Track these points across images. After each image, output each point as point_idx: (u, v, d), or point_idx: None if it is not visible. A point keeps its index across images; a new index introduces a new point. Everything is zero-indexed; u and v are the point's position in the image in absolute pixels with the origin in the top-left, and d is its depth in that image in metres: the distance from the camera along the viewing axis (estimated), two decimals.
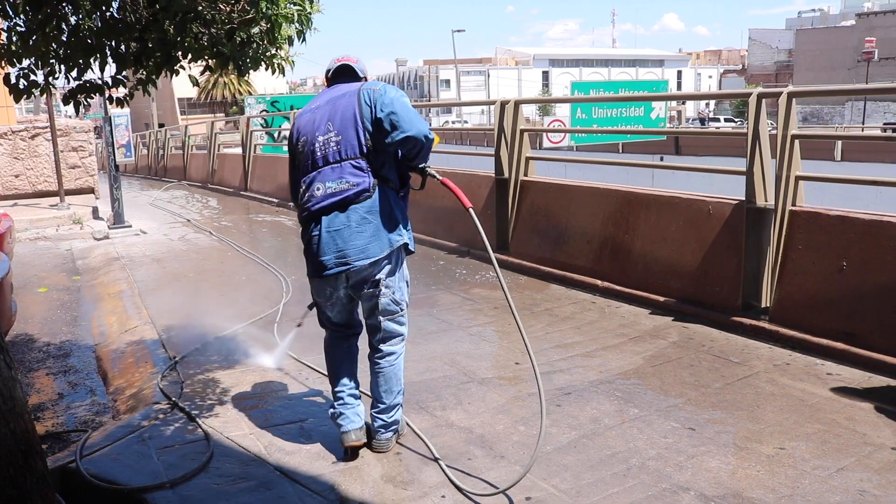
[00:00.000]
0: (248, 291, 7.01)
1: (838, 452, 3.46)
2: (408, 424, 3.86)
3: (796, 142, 5.15)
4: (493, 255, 3.73)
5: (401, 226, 3.47)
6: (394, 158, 3.47)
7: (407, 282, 3.66)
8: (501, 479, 3.32)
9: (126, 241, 10.70)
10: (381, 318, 3.55)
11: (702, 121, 34.35)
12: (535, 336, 5.34)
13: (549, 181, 7.63)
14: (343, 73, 3.58)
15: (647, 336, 5.27)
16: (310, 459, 3.57)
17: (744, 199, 5.47)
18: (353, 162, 3.34)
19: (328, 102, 3.46)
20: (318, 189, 3.37)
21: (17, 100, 3.55)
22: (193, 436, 3.85)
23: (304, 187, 3.45)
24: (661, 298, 5.89)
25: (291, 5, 3.09)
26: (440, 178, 3.62)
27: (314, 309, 3.73)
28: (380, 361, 3.59)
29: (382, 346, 3.60)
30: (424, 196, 9.16)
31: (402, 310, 3.60)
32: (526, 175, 7.74)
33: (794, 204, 5.15)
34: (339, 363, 3.70)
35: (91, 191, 14.72)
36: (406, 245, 3.54)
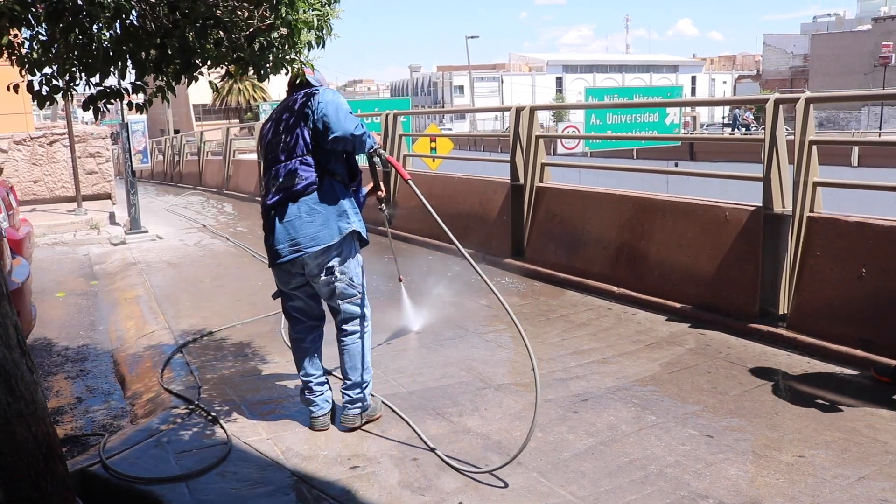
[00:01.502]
0: (264, 296, 7.01)
1: (859, 461, 3.43)
2: (385, 403, 4.19)
3: (814, 147, 5.13)
4: (453, 238, 4.03)
5: (349, 215, 3.79)
6: (341, 154, 3.84)
7: (362, 267, 3.95)
8: (519, 486, 3.32)
9: (142, 246, 10.76)
10: (340, 302, 3.87)
11: (746, 127, 33.95)
12: (551, 342, 5.33)
13: (564, 187, 7.63)
14: (300, 84, 3.90)
15: (663, 343, 5.25)
16: (326, 465, 3.58)
17: (761, 205, 5.44)
18: (301, 159, 3.72)
19: (283, 108, 3.88)
20: (272, 184, 3.78)
21: (40, 106, 3.59)
22: (211, 440, 3.87)
23: (263, 183, 3.91)
24: (678, 305, 5.87)
25: (311, 10, 3.11)
26: (386, 155, 4.16)
27: (278, 298, 4.04)
28: (344, 339, 3.93)
29: (345, 327, 3.93)
30: (439, 202, 9.19)
31: (359, 293, 3.91)
32: (541, 181, 7.74)
33: (811, 210, 5.12)
34: (305, 354, 4.00)
35: (108, 196, 14.83)
36: (358, 233, 3.85)
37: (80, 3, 3.01)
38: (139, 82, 3.53)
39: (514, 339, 5.49)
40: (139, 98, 3.82)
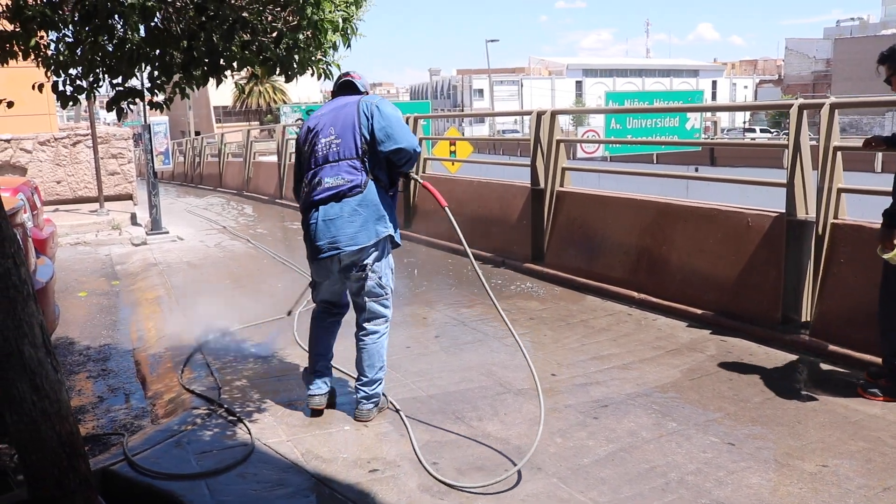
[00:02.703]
0: (284, 298, 7.04)
1: (884, 472, 3.39)
2: (390, 403, 4.29)
3: (839, 154, 5.08)
4: (468, 250, 4.21)
5: (387, 219, 3.97)
6: (385, 161, 3.96)
7: (392, 269, 4.14)
8: (538, 491, 3.31)
9: (163, 247, 10.84)
10: (367, 300, 4.05)
11: None
12: (570, 347, 5.32)
13: (585, 192, 7.61)
14: (346, 87, 4.11)
15: (684, 349, 5.21)
16: (346, 468, 3.58)
17: (784, 211, 5.40)
18: (349, 162, 3.88)
19: (332, 111, 4.01)
20: (317, 183, 3.92)
21: (63, 106, 3.64)
22: (232, 441, 3.88)
23: (306, 181, 4.01)
24: (699, 311, 5.83)
25: (336, 11, 3.12)
26: (421, 181, 4.32)
27: (312, 288, 4.27)
28: (364, 339, 4.10)
29: (367, 325, 4.11)
30: (459, 205, 9.19)
31: (386, 294, 4.09)
32: (562, 186, 7.72)
33: (835, 217, 5.08)
34: (320, 336, 4.23)
35: (129, 197, 14.94)
36: (391, 237, 4.03)
37: (108, 5, 3.03)
38: (159, 81, 3.56)
39: (533, 344, 5.48)
40: (160, 97, 3.86)
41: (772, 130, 51.24)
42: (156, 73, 3.45)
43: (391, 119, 3.87)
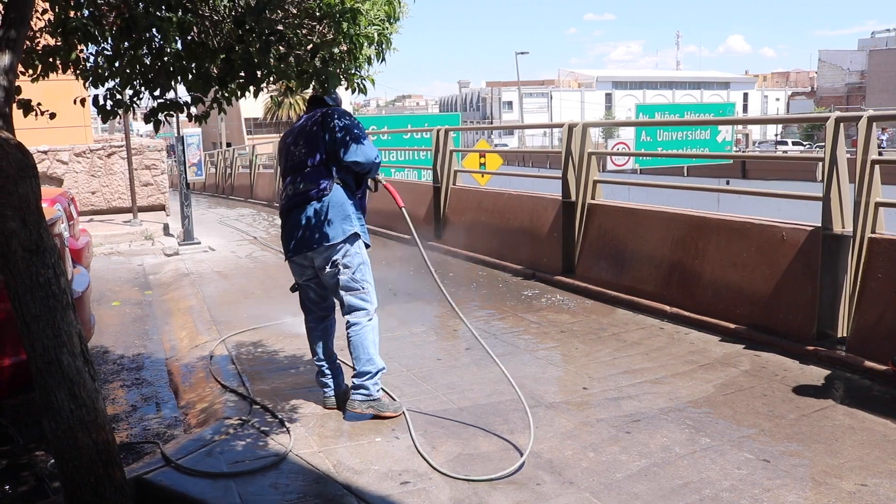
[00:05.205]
0: None
1: None
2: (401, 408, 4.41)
3: (876, 167, 5.02)
4: (419, 242, 4.58)
5: (352, 219, 4.25)
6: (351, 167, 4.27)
7: (366, 265, 4.36)
8: None
9: (195, 257, 10.95)
10: (344, 294, 4.31)
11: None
12: (602, 361, 5.28)
13: (617, 205, 7.56)
14: (317, 102, 4.42)
15: (717, 364, 5.15)
16: (378, 479, 3.58)
17: (819, 225, 5.33)
18: (316, 168, 4.21)
19: (302, 123, 4.37)
20: (290, 189, 4.29)
21: (104, 120, 3.70)
22: (264, 451, 3.90)
23: (282, 188, 4.41)
24: (732, 325, 5.76)
25: (372, 26, 3.15)
26: (384, 182, 4.49)
27: (297, 291, 4.53)
28: (348, 331, 4.35)
29: (349, 318, 4.34)
30: (489, 217, 9.19)
31: (362, 287, 4.32)
32: (593, 198, 7.68)
33: (873, 231, 5.00)
34: (317, 341, 4.52)
35: (162, 208, 15.12)
36: (358, 235, 4.27)
37: (146, 19, 3.08)
38: (198, 95, 3.61)
39: (564, 358, 5.45)
40: (196, 111, 3.91)
41: (804, 143, 50.71)
42: (192, 86, 3.50)
43: (350, 132, 4.18)
